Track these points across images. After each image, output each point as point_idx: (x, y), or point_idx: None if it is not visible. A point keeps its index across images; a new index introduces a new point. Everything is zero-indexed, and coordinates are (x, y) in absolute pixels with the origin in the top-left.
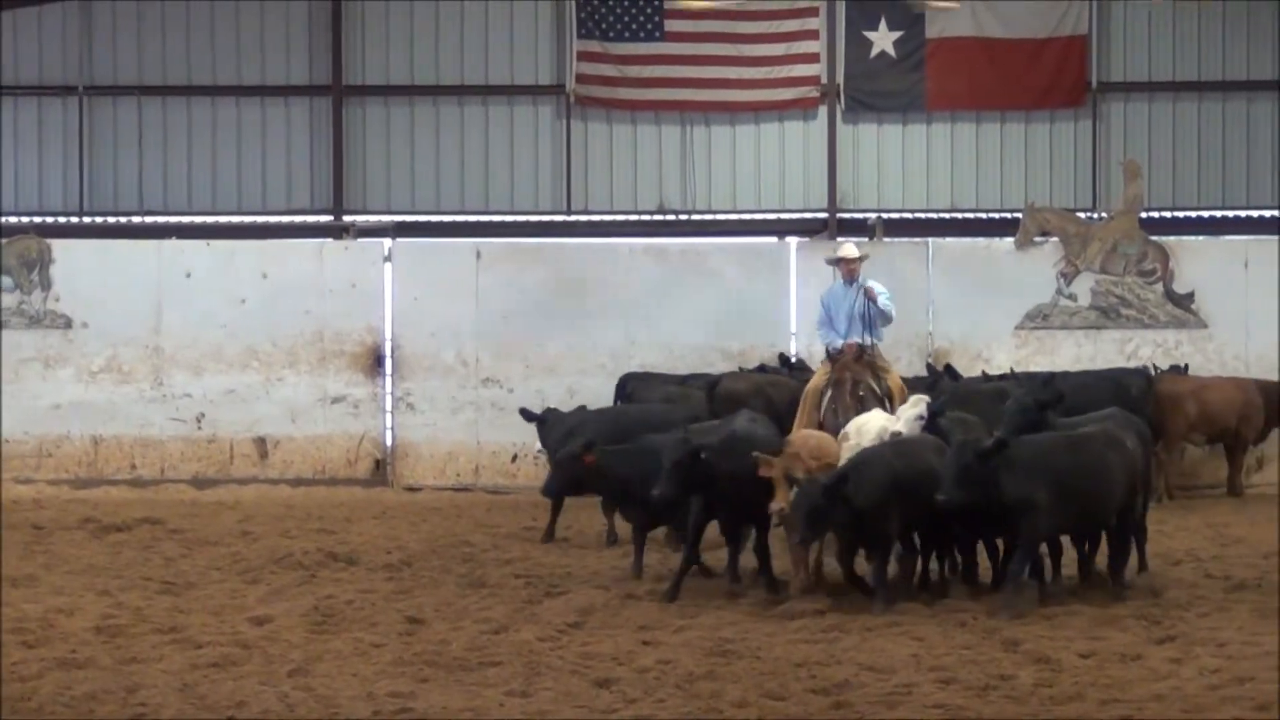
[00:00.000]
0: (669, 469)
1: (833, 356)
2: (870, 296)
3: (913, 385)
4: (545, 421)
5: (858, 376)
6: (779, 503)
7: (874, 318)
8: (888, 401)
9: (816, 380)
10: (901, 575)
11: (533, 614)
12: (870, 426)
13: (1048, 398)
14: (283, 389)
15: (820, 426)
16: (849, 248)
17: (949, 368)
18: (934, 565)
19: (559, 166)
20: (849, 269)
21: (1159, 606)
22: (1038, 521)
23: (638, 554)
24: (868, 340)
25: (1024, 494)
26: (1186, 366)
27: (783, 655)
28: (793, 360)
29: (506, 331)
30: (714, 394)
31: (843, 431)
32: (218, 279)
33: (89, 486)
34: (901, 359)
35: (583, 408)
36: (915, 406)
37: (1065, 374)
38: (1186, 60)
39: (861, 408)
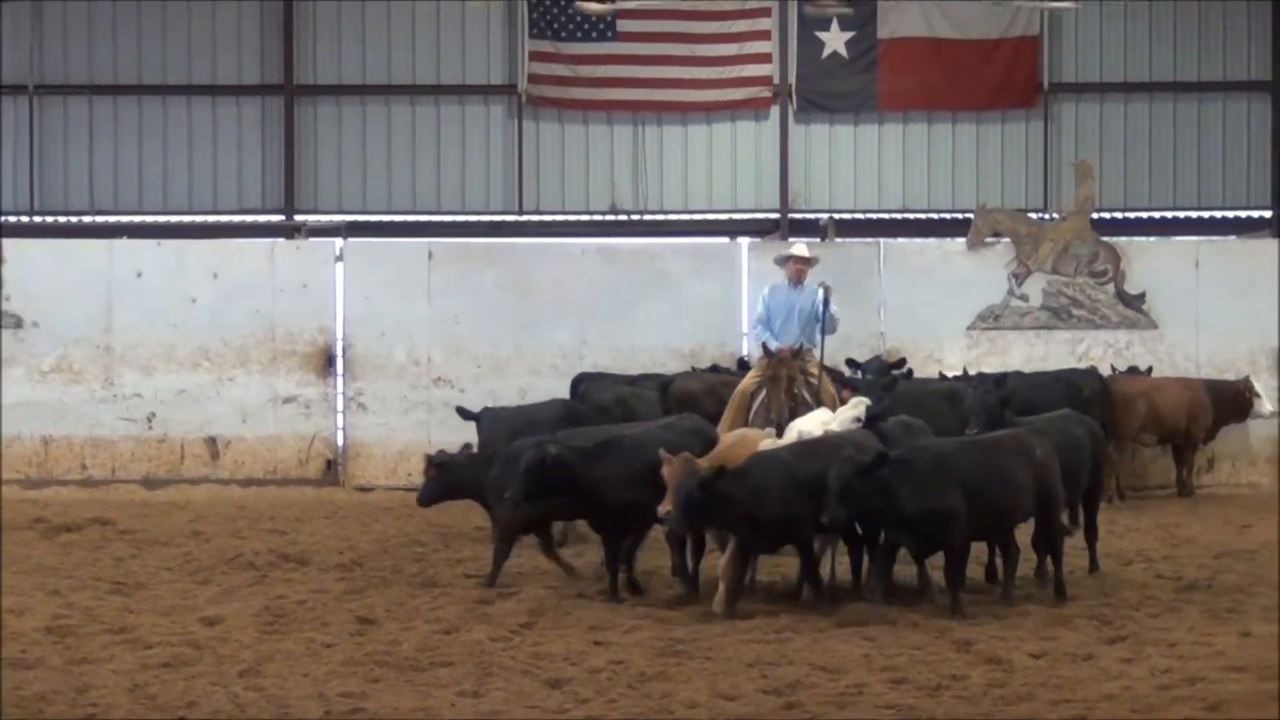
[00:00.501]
0: (521, 473)
1: (769, 356)
2: (828, 296)
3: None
4: (481, 420)
5: (793, 375)
6: (665, 506)
7: (826, 322)
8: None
9: (746, 382)
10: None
11: (484, 614)
12: (810, 425)
13: (1006, 394)
14: (234, 389)
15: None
16: (801, 247)
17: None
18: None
19: (511, 166)
20: (796, 269)
21: (1110, 606)
22: (957, 528)
23: (496, 561)
24: (805, 344)
25: (933, 504)
26: (1150, 370)
27: (734, 655)
28: (747, 361)
29: (458, 331)
30: (667, 394)
31: (788, 430)
32: (169, 278)
33: (39, 487)
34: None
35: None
36: (855, 409)
37: (1018, 374)
38: (1138, 61)
39: (795, 408)
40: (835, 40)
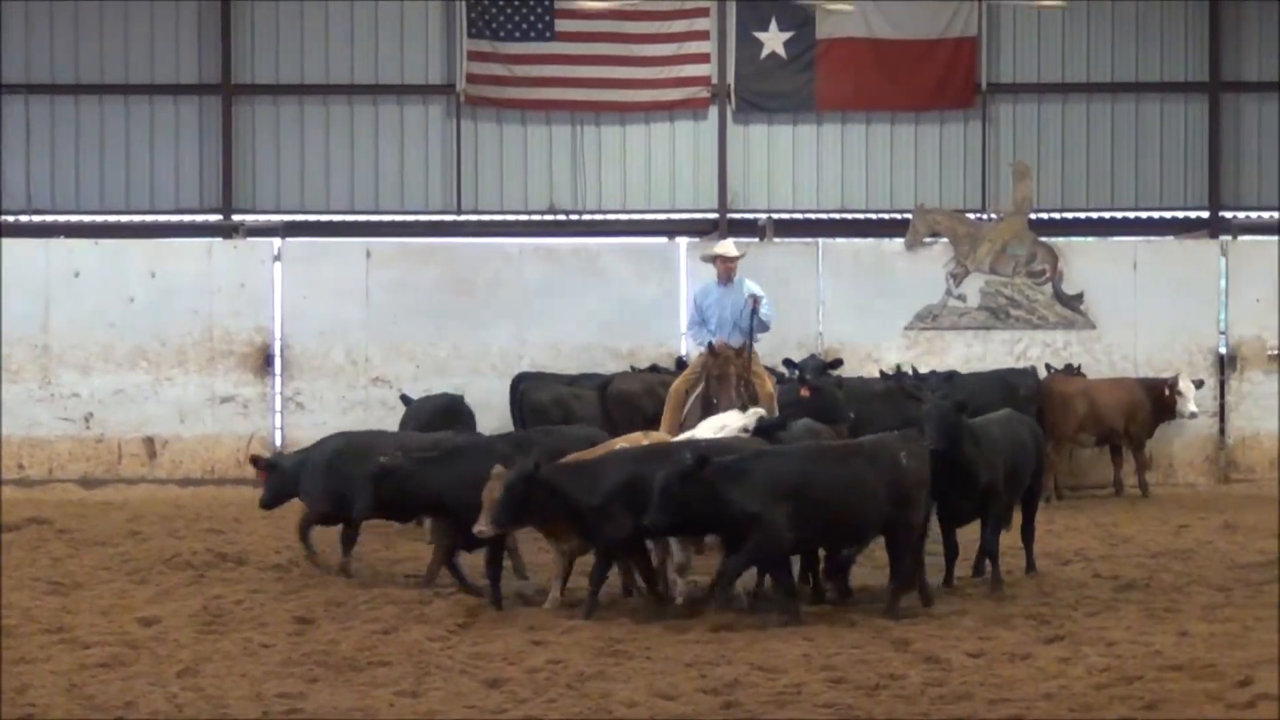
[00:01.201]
0: (364, 484)
1: (713, 354)
2: (754, 307)
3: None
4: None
5: (740, 371)
6: (479, 525)
7: (754, 328)
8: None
9: (680, 381)
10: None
11: (422, 614)
12: (705, 431)
13: (962, 400)
14: (171, 389)
15: (681, 427)
16: (728, 245)
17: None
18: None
19: (449, 166)
20: (726, 267)
21: (1048, 606)
22: (767, 536)
23: (306, 545)
24: (740, 341)
25: (746, 510)
26: (1079, 367)
27: (673, 655)
28: (685, 360)
29: (396, 331)
30: (605, 394)
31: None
32: (106, 278)
33: None
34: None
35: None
36: (748, 418)
37: (955, 373)
38: (1075, 62)
39: (743, 406)
40: (774, 41)
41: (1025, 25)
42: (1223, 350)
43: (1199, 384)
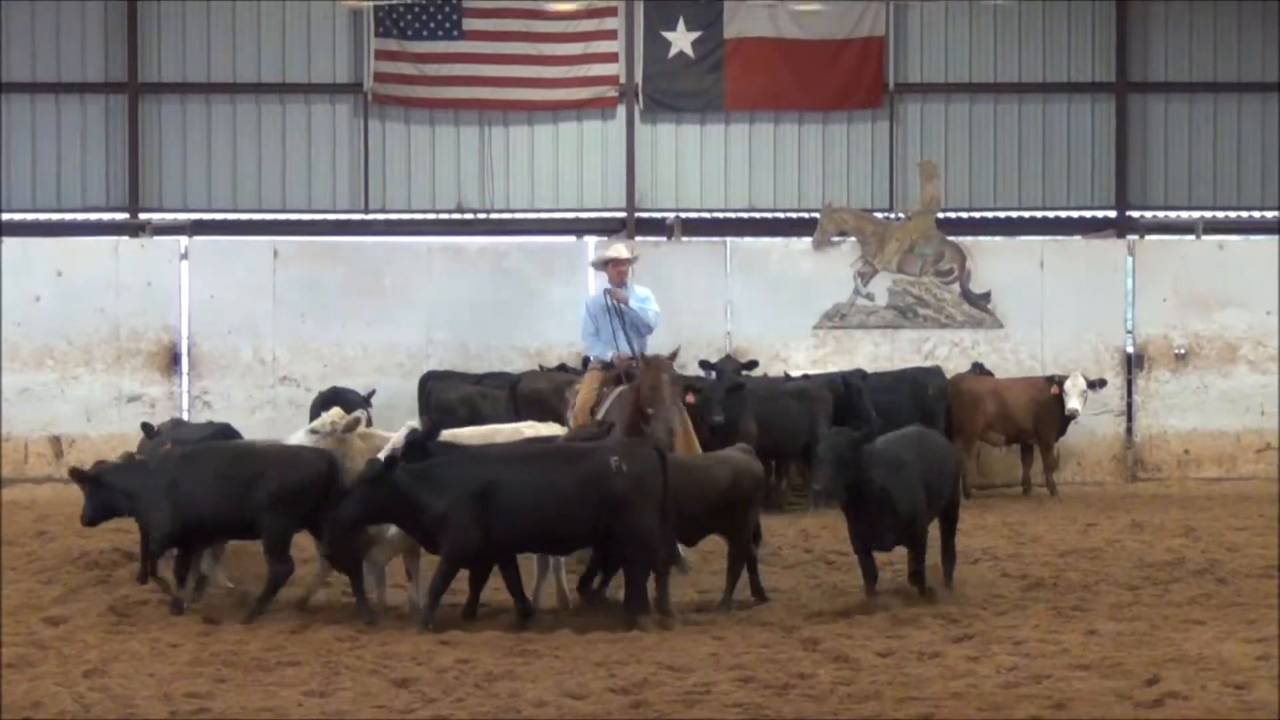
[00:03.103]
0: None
1: (644, 361)
2: (619, 299)
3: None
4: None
5: (675, 377)
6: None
7: (635, 321)
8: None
9: (585, 396)
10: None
11: (331, 614)
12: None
13: (859, 436)
14: (78, 388)
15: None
16: (619, 248)
17: (708, 362)
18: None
19: (357, 165)
20: (618, 271)
21: (956, 605)
22: (457, 538)
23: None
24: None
25: (439, 511)
26: (982, 365)
27: (582, 654)
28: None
29: (304, 330)
30: (515, 393)
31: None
32: (12, 277)
33: None
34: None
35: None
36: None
37: (861, 372)
38: (983, 62)
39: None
40: (682, 40)
41: (933, 25)
42: (1130, 349)
43: (1101, 383)
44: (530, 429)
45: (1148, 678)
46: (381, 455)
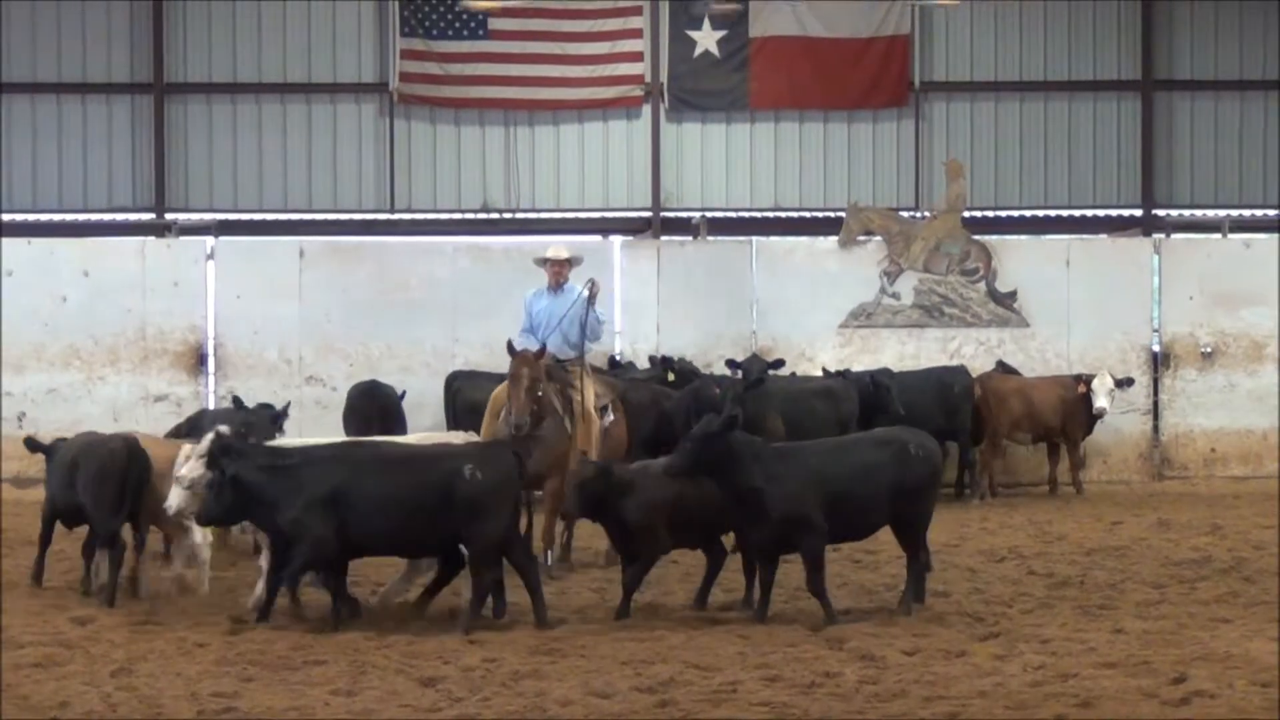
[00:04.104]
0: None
1: (510, 351)
2: (593, 293)
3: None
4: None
5: (537, 375)
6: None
7: (588, 324)
8: (568, 418)
9: (500, 389)
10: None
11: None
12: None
13: (731, 416)
14: (104, 388)
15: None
16: (558, 248)
17: (665, 359)
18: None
19: (382, 165)
20: (555, 271)
21: (983, 604)
22: (307, 541)
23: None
24: (571, 352)
25: (290, 515)
26: (1006, 364)
27: (608, 653)
28: (619, 359)
29: (330, 330)
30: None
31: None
32: (39, 277)
33: None
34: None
35: None
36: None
37: (887, 371)
38: (1008, 60)
39: (539, 413)
40: (707, 39)
41: (958, 23)
42: (1156, 348)
43: (1129, 382)
44: (458, 436)
45: (1174, 676)
46: (182, 461)
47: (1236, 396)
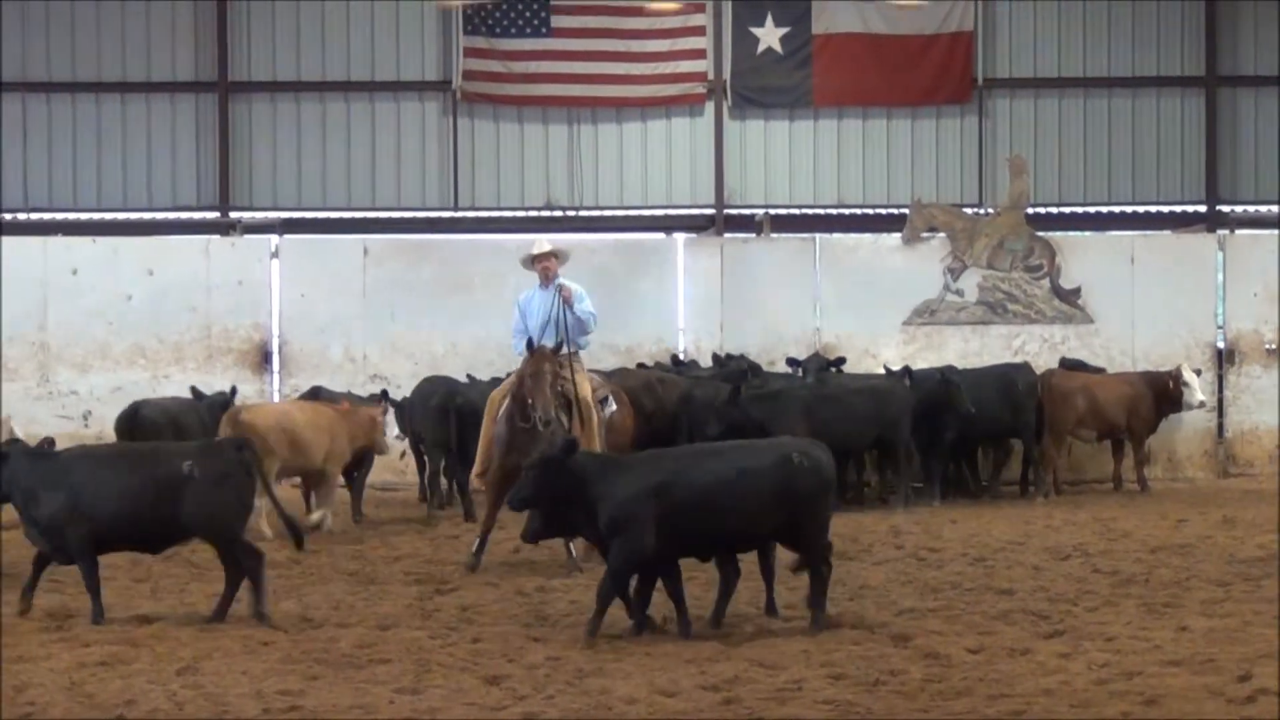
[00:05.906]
0: None
1: (529, 349)
2: (565, 298)
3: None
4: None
5: (556, 370)
6: None
7: (571, 325)
8: (576, 409)
9: (499, 389)
10: None
11: (422, 611)
12: None
13: (565, 446)
14: (169, 386)
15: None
16: (541, 243)
17: (675, 358)
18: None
19: (446, 163)
20: (543, 268)
21: (1048, 601)
22: (67, 536)
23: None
24: (575, 346)
25: (54, 509)
26: (1072, 360)
27: (673, 651)
28: (681, 357)
29: (394, 328)
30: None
31: None
32: (104, 276)
33: None
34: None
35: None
36: None
37: (952, 368)
38: (1071, 57)
39: (563, 404)
40: (770, 36)
41: (1021, 20)
42: (1220, 344)
43: (1197, 374)
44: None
45: (1240, 674)
46: None
47: None
